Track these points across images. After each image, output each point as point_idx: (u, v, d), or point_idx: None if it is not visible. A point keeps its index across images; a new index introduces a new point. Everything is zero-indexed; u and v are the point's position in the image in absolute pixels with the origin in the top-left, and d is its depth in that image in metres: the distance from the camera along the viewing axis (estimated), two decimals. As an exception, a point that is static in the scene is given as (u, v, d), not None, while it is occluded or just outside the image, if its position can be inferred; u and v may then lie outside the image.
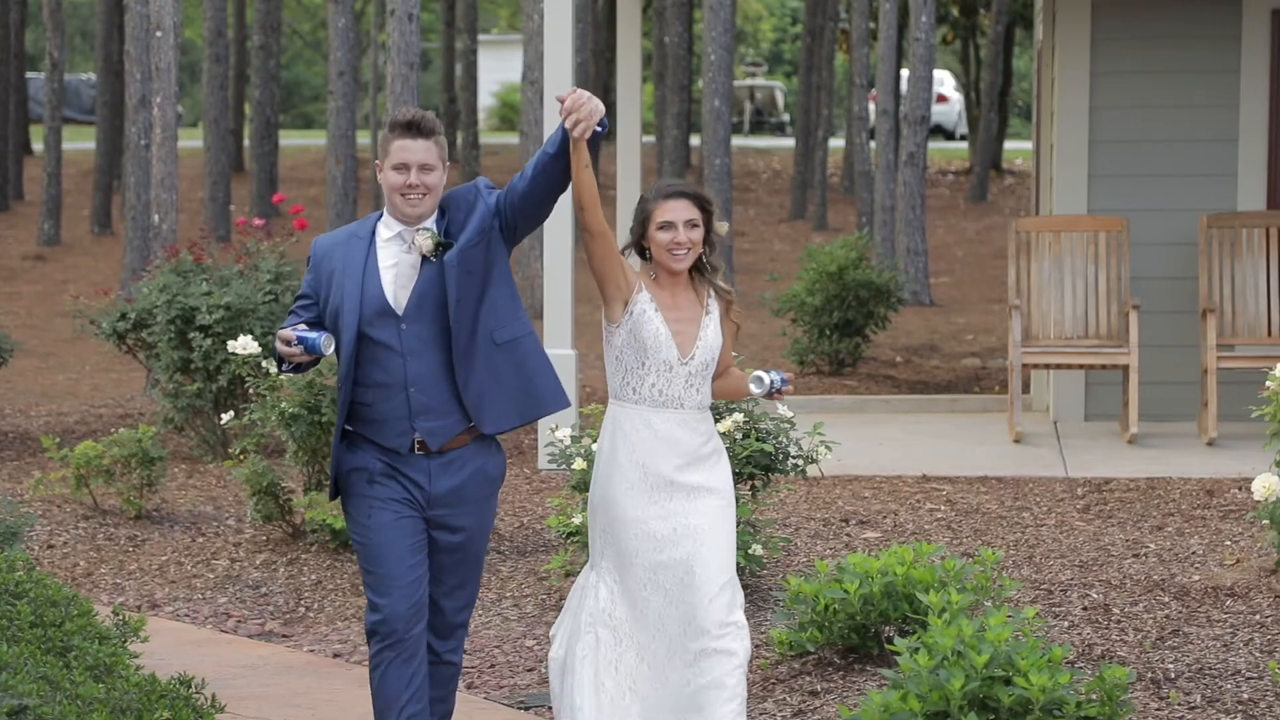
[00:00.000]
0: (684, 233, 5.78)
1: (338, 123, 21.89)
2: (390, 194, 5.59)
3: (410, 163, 5.57)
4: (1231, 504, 9.80)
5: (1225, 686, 6.83)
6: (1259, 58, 12.40)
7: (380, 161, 5.63)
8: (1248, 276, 12.13)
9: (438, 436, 5.62)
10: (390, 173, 5.59)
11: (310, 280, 5.70)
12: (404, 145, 5.58)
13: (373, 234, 5.66)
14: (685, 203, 5.78)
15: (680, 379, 5.79)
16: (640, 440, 5.77)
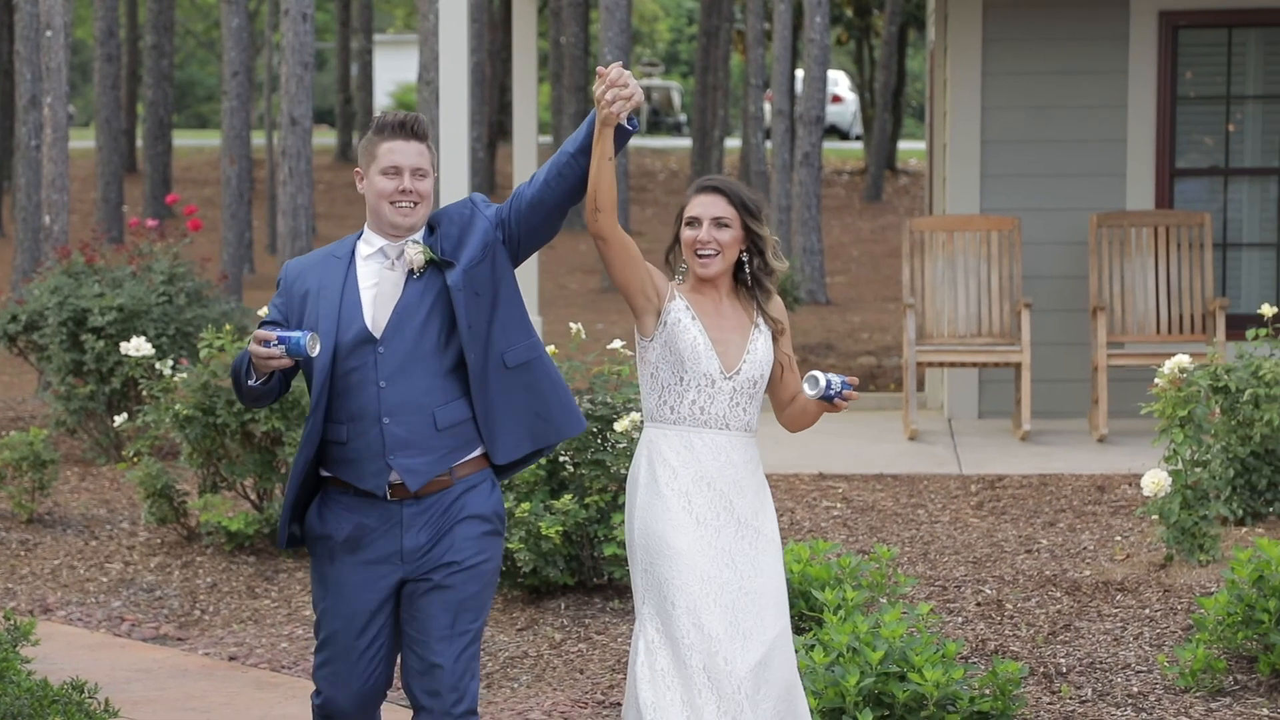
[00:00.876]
0: (708, 231, 5.14)
1: (232, 123, 21.75)
2: (377, 203, 5.01)
3: (402, 166, 4.99)
4: (1122, 500, 9.91)
5: (1115, 680, 6.91)
6: (1146, 59, 12.55)
7: (362, 168, 5.06)
8: (1136, 275, 12.28)
9: (417, 476, 4.98)
10: (378, 178, 5.01)
11: (279, 304, 5.10)
12: (394, 147, 5.01)
13: (352, 253, 5.07)
14: (717, 198, 5.15)
15: (724, 396, 5.14)
16: (682, 465, 5.12)
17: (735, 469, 5.15)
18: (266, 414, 8.95)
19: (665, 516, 5.07)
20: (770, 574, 5.11)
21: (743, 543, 5.11)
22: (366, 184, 5.05)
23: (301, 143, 16.90)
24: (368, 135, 5.07)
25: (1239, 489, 8.96)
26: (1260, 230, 12.78)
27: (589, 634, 7.86)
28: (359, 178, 5.08)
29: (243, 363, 5.03)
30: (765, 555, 5.13)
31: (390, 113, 5.09)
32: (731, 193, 5.16)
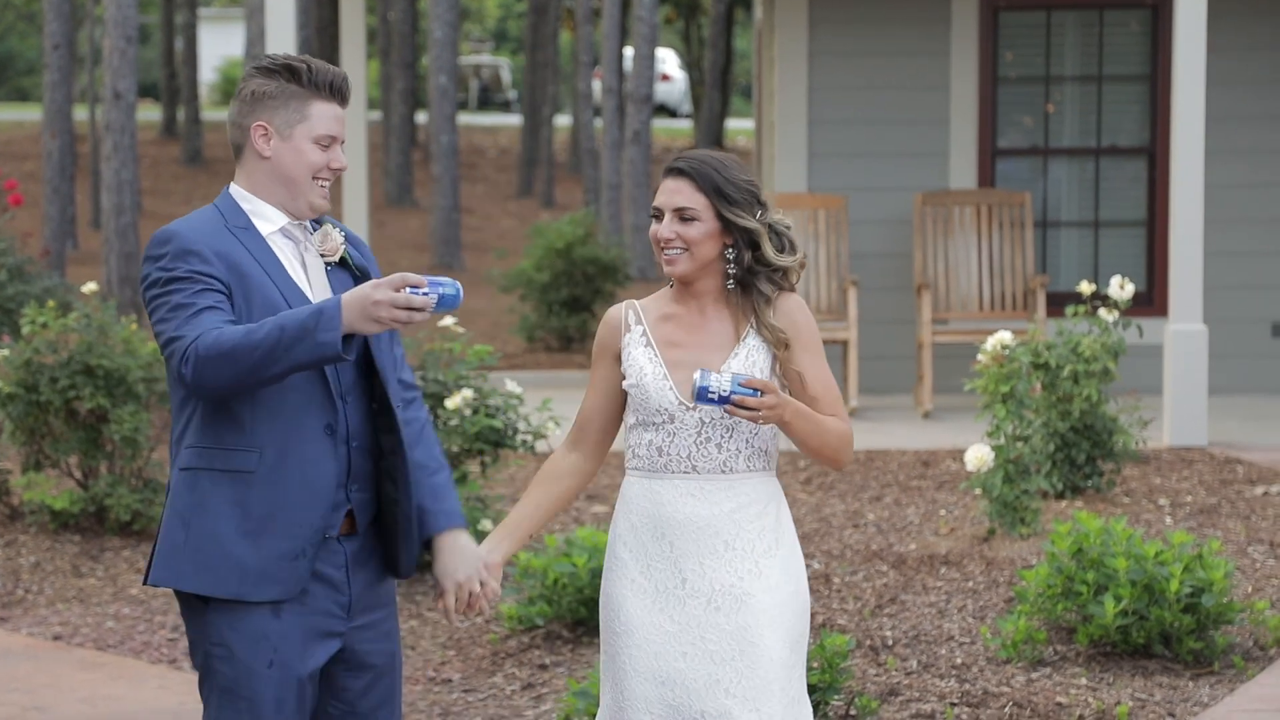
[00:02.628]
0: (670, 225, 4.19)
1: (53, 96, 21.39)
2: (297, 173, 4.09)
3: (338, 137, 4.14)
4: (946, 474, 10.07)
5: (940, 652, 7.03)
6: (968, 40, 12.74)
7: (276, 125, 4.09)
8: (959, 253, 12.47)
9: (365, 512, 4.17)
10: (308, 146, 4.09)
11: (212, 273, 4.00)
12: (332, 112, 4.13)
13: (250, 226, 4.10)
14: (681, 184, 4.19)
15: (688, 432, 4.19)
16: (641, 519, 4.23)
17: (707, 519, 4.18)
18: (92, 391, 8.84)
19: (624, 580, 4.24)
20: (754, 656, 4.13)
21: (716, 617, 4.15)
22: (282, 146, 4.10)
23: (125, 117, 16.67)
24: (282, 84, 4.09)
25: (1059, 463, 9.14)
26: (1079, 209, 13.02)
27: (420, 610, 7.86)
28: (262, 134, 4.09)
29: (318, 322, 3.85)
30: (749, 631, 4.13)
31: (317, 62, 4.14)
32: (700, 175, 4.18)
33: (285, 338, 3.87)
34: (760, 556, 4.20)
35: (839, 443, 4.24)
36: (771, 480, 4.27)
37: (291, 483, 4.04)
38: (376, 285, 3.88)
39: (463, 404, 8.15)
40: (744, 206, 4.20)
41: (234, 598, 4.02)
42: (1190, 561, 6.83)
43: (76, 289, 11.70)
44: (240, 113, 4.14)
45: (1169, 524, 8.73)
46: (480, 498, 8.30)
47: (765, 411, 4.08)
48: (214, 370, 3.90)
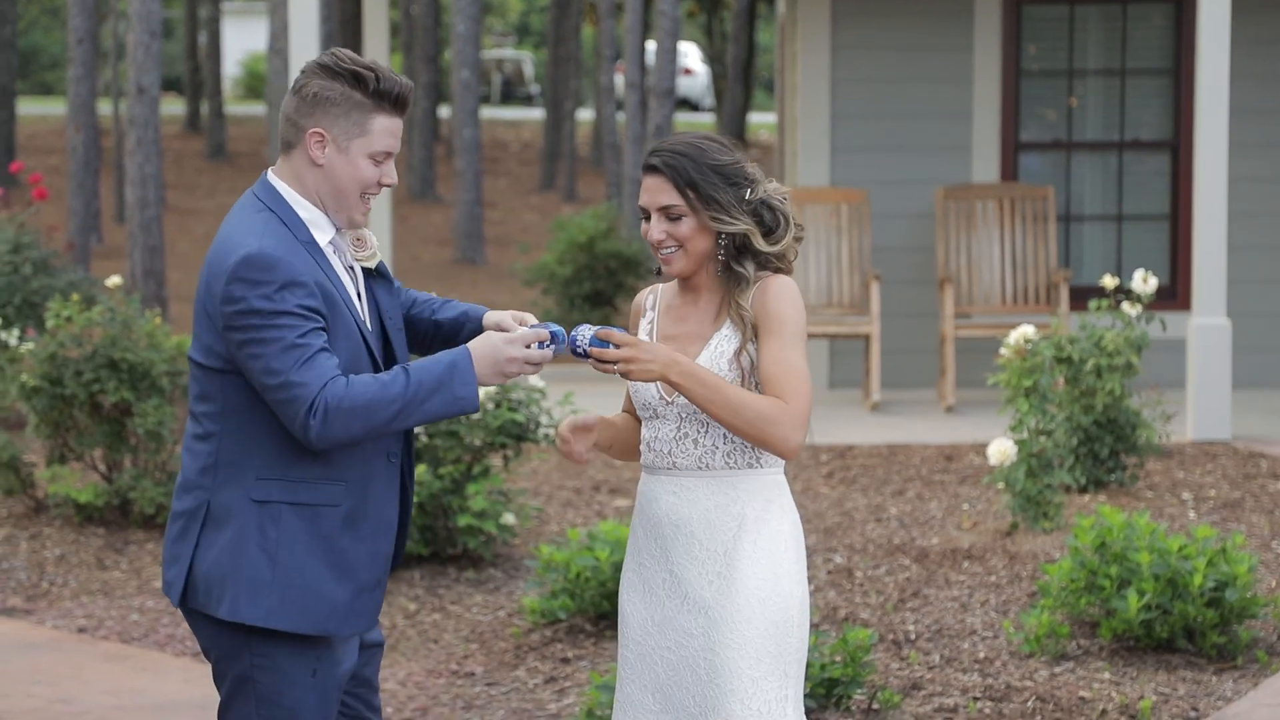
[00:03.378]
0: (659, 226, 4.05)
1: (78, 90, 21.45)
2: (348, 186, 3.95)
3: (395, 152, 3.99)
4: (969, 468, 10.07)
5: (962, 646, 7.03)
6: (991, 34, 12.72)
7: (335, 134, 3.93)
8: (982, 247, 12.46)
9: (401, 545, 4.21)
10: (363, 161, 3.93)
11: (317, 306, 3.86)
12: (393, 128, 3.96)
13: (313, 240, 3.95)
14: (659, 181, 4.03)
15: (669, 426, 4.10)
16: (639, 516, 4.18)
17: (685, 517, 4.08)
18: (116, 384, 8.87)
19: (624, 576, 4.21)
20: (714, 666, 4.01)
21: (688, 619, 4.07)
22: (337, 157, 3.93)
23: (149, 111, 16.71)
24: (346, 90, 3.92)
25: (1082, 457, 9.13)
26: (1102, 203, 13.00)
27: (443, 604, 7.88)
28: (318, 141, 3.92)
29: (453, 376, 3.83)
30: (710, 639, 4.02)
31: (384, 71, 3.95)
32: (676, 170, 4.01)
33: (421, 392, 3.83)
34: (733, 559, 4.03)
35: (754, 417, 3.92)
36: (759, 478, 4.07)
37: (370, 515, 3.99)
38: (509, 341, 3.89)
39: (485, 398, 8.16)
40: (726, 201, 4.02)
41: (323, 634, 3.97)
42: (1214, 556, 6.83)
43: (101, 283, 11.75)
44: (298, 111, 3.95)
45: (1192, 518, 8.72)
46: (503, 491, 8.32)
47: (626, 365, 3.93)
48: (345, 424, 3.80)
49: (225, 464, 3.96)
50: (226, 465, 3.95)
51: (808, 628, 4.12)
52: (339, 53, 3.96)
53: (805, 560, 4.16)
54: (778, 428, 3.95)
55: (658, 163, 4.03)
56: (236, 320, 3.83)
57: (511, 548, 8.52)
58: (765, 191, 4.07)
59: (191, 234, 27.06)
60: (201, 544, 3.97)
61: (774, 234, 4.06)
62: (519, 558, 8.42)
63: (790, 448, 3.96)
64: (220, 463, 3.96)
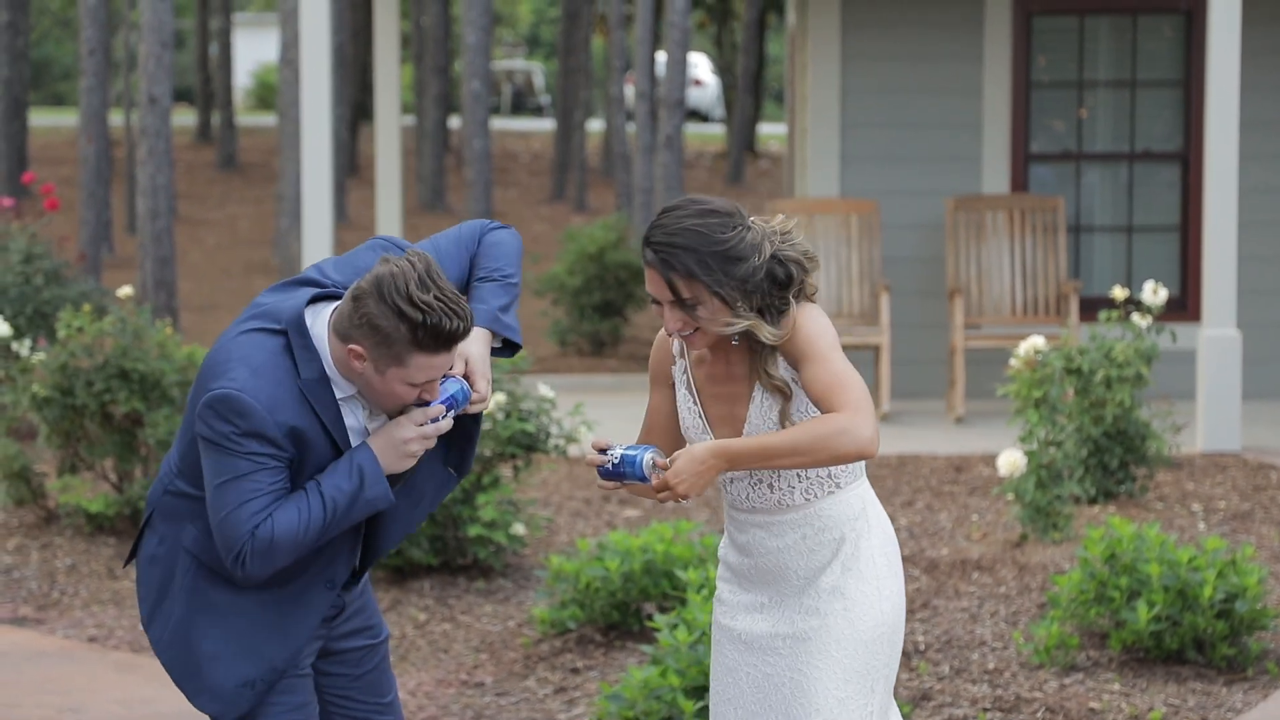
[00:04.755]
0: (672, 317, 3.97)
1: (89, 101, 21.49)
2: (381, 403, 3.99)
3: (436, 378, 3.97)
4: (978, 479, 10.06)
5: (972, 657, 7.03)
6: (1001, 45, 12.73)
7: (373, 355, 3.90)
8: (992, 258, 12.46)
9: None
10: (398, 386, 3.93)
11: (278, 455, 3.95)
12: (434, 365, 3.93)
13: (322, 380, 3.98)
14: (656, 277, 3.94)
15: (740, 476, 4.08)
16: (728, 536, 4.20)
17: (783, 552, 4.07)
18: (127, 394, 8.89)
19: (718, 590, 4.22)
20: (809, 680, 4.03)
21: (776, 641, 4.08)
22: (374, 376, 3.93)
23: (161, 122, 16.74)
24: (394, 324, 3.85)
25: (1092, 468, 9.13)
26: (1112, 214, 13.00)
27: (454, 614, 7.89)
28: (357, 357, 3.91)
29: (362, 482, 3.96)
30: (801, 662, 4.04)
31: (437, 316, 3.85)
32: (676, 266, 3.90)
33: (338, 511, 3.96)
34: (828, 584, 4.04)
35: (819, 445, 3.86)
36: (843, 499, 4.05)
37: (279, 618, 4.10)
38: (399, 424, 3.96)
39: (495, 408, 8.17)
40: (731, 291, 3.90)
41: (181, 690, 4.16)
42: (1224, 567, 6.82)
43: (112, 293, 11.77)
44: (347, 319, 3.90)
45: (1202, 529, 8.72)
46: (513, 501, 8.32)
47: (670, 494, 3.90)
48: (270, 561, 3.94)
49: (176, 502, 4.13)
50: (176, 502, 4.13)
51: (901, 635, 4.13)
52: (400, 281, 3.84)
53: (901, 569, 4.15)
54: (844, 436, 3.87)
55: (654, 258, 3.91)
56: (201, 437, 3.97)
57: (521, 558, 8.53)
58: (774, 246, 3.97)
59: (203, 244, 27.09)
60: (153, 525, 4.16)
61: (789, 288, 3.96)
62: (529, 568, 8.42)
63: (866, 447, 3.88)
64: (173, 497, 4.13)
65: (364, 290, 3.89)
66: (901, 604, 4.10)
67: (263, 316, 3.99)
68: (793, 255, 3.98)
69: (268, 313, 3.99)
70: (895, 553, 4.13)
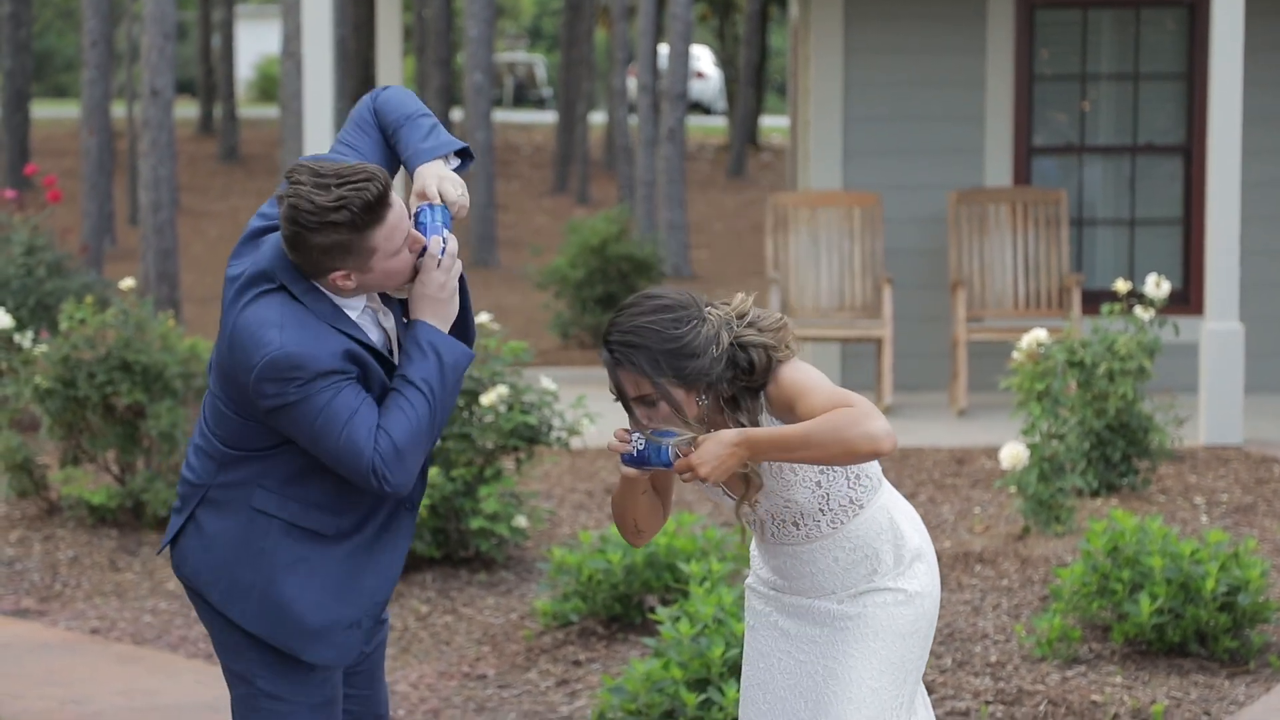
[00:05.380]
0: (643, 413, 3.95)
1: (91, 93, 21.48)
2: (389, 285, 4.03)
3: (408, 228, 4.04)
4: (980, 472, 10.06)
5: (974, 650, 7.03)
6: (1003, 38, 12.72)
7: (351, 268, 3.94)
8: (995, 251, 12.46)
9: None
10: (390, 263, 3.98)
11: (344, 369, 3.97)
12: (392, 221, 3.97)
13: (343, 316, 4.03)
14: (622, 374, 3.93)
15: (765, 522, 4.14)
16: (755, 558, 4.28)
17: (818, 574, 4.11)
18: (129, 386, 8.89)
19: (751, 576, 4.27)
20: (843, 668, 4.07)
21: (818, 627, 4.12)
22: (365, 277, 3.98)
23: (163, 114, 16.74)
24: (334, 236, 3.89)
25: (1094, 461, 9.13)
26: (1114, 207, 13.00)
27: (455, 607, 7.89)
28: (344, 277, 3.95)
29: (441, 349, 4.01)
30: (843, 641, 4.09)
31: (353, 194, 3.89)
32: (628, 364, 3.89)
33: (435, 390, 3.98)
34: (866, 591, 4.08)
35: (832, 436, 3.82)
36: (869, 519, 4.06)
37: (373, 557, 4.08)
38: (422, 282, 4.00)
39: (498, 400, 8.17)
40: (689, 383, 3.89)
41: (290, 652, 4.08)
42: (1226, 560, 6.82)
43: (114, 285, 11.77)
44: (307, 263, 3.95)
45: (1204, 522, 8.72)
46: (515, 494, 8.33)
47: (693, 474, 3.87)
48: (403, 468, 3.95)
49: (232, 474, 4.08)
50: (233, 474, 4.07)
51: (934, 627, 4.16)
52: (304, 202, 3.88)
53: (935, 561, 4.16)
54: (857, 428, 3.83)
55: (610, 360, 3.90)
56: (274, 410, 3.95)
57: (523, 550, 8.53)
58: (733, 334, 3.93)
59: (205, 236, 27.09)
60: (197, 517, 4.09)
61: (754, 373, 3.93)
62: (531, 560, 8.43)
63: (880, 440, 3.82)
64: (227, 472, 4.08)
65: (289, 235, 3.92)
66: (937, 596, 4.15)
67: (252, 282, 3.99)
68: (755, 340, 3.93)
69: (254, 276, 3.99)
70: (931, 550, 4.17)
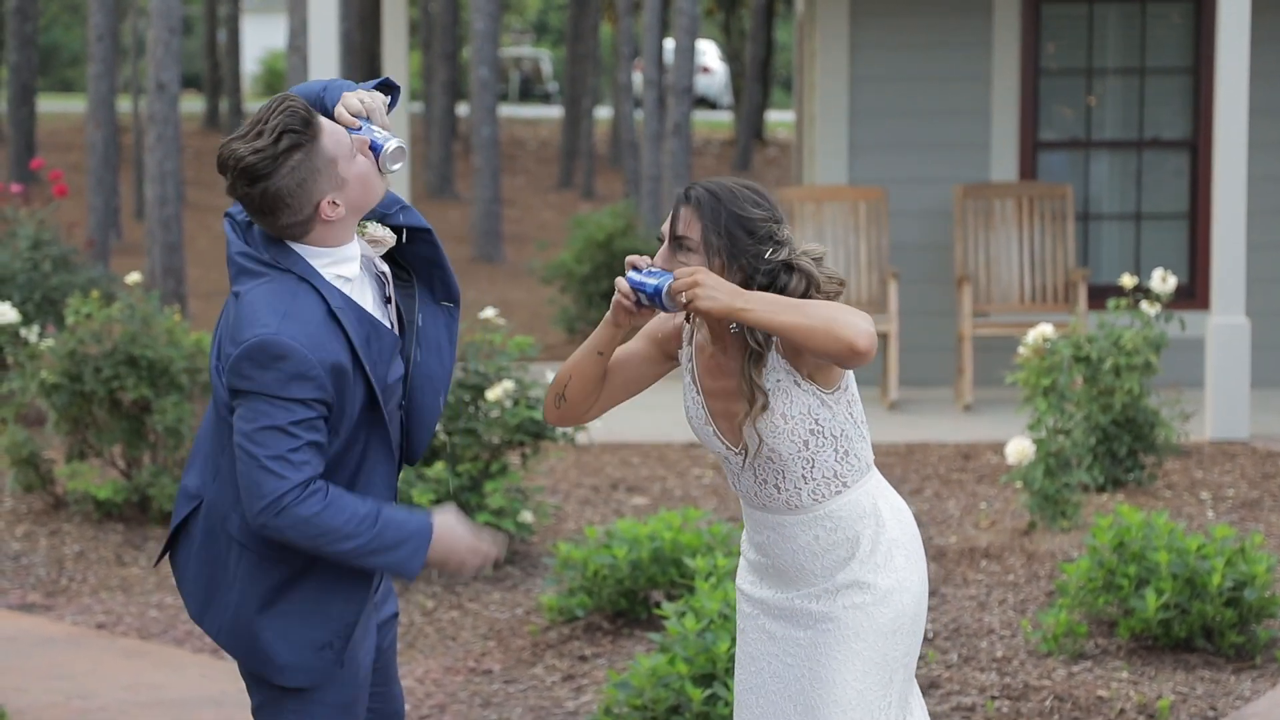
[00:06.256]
0: (658, 254, 3.96)
1: (97, 88, 21.48)
2: (372, 195, 4.00)
3: (360, 125, 4.01)
4: (986, 467, 10.06)
5: (980, 645, 7.03)
6: (1009, 33, 12.71)
7: (327, 181, 3.90)
8: (1001, 245, 12.45)
9: None
10: (357, 163, 3.95)
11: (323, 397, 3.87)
12: (329, 126, 3.96)
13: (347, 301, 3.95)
14: (685, 210, 3.92)
15: (747, 476, 4.06)
16: (746, 530, 4.19)
17: (798, 554, 4.06)
18: (135, 381, 8.89)
19: (739, 573, 4.23)
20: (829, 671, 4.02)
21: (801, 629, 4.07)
22: (346, 186, 3.93)
23: (169, 108, 16.74)
24: (296, 159, 3.87)
25: (1100, 456, 9.12)
26: (1120, 202, 12.99)
27: (461, 602, 7.89)
28: (330, 205, 3.92)
29: (407, 547, 3.91)
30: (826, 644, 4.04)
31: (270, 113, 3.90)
32: (690, 199, 3.90)
33: (376, 545, 3.88)
34: (844, 581, 4.02)
35: (823, 316, 3.76)
36: (851, 498, 4.02)
37: (338, 579, 4.01)
38: (473, 551, 3.95)
39: (503, 395, 8.17)
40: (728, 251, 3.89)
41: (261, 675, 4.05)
42: (1232, 555, 6.82)
43: (120, 279, 11.77)
44: (289, 216, 3.90)
45: (1211, 517, 8.72)
46: (521, 489, 8.33)
47: (691, 290, 3.80)
48: (295, 533, 3.86)
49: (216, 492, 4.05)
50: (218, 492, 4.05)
51: (922, 624, 4.10)
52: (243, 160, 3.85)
53: (922, 557, 4.10)
54: (848, 315, 3.78)
55: (680, 193, 3.91)
56: (240, 393, 3.88)
57: (529, 545, 8.53)
58: (791, 254, 3.92)
59: (211, 230, 27.10)
60: (189, 527, 4.09)
61: (785, 292, 3.90)
62: (537, 555, 8.43)
63: (858, 338, 3.75)
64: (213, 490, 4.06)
65: (258, 199, 3.87)
66: (923, 593, 4.09)
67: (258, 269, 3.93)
68: (805, 268, 3.92)
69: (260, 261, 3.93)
70: (915, 543, 4.10)
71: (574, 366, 4.04)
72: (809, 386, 3.96)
